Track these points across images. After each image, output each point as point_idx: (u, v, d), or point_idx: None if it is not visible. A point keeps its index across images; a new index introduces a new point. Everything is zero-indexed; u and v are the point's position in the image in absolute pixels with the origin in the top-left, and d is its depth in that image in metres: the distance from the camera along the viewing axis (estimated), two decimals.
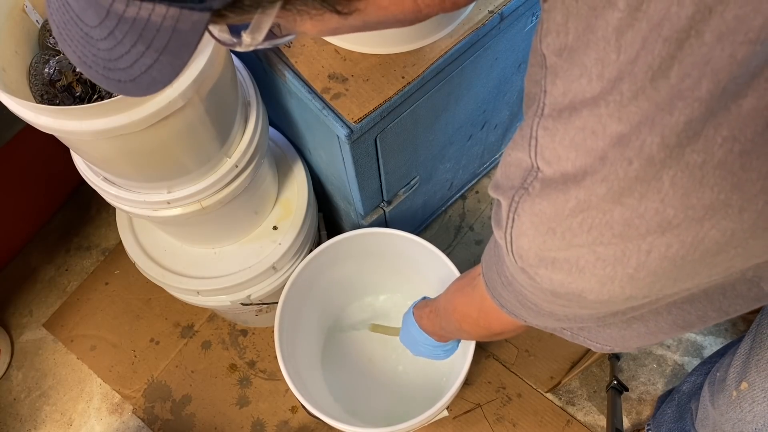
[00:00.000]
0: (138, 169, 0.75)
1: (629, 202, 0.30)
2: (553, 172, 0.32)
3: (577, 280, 0.35)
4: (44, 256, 1.46)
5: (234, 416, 1.27)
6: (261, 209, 1.00)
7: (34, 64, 0.71)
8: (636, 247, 0.31)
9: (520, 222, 0.35)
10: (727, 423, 0.73)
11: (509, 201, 0.36)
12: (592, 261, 0.33)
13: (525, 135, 0.34)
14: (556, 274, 0.36)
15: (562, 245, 0.34)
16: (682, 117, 0.26)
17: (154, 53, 0.33)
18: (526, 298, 0.45)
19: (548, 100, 0.32)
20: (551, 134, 0.32)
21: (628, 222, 0.30)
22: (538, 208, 0.34)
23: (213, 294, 1.00)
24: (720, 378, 0.74)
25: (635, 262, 0.32)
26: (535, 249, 0.35)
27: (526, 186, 0.34)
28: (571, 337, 0.52)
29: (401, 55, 0.77)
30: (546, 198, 0.33)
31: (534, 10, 0.88)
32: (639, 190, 0.29)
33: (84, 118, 0.61)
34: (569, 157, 0.31)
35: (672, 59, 0.26)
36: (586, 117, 0.30)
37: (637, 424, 1.22)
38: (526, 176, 0.34)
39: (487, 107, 1.05)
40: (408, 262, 1.08)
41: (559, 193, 0.32)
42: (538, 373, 1.25)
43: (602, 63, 0.29)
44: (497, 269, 0.50)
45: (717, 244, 0.30)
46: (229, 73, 0.74)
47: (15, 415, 1.33)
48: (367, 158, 0.85)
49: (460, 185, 1.35)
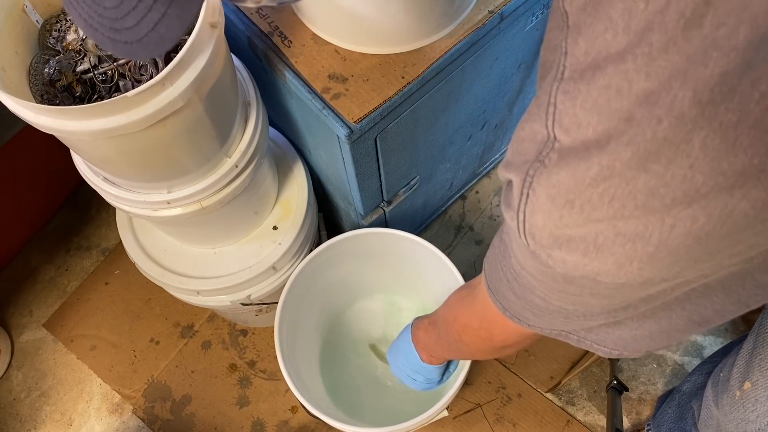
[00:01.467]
0: (138, 169, 0.75)
1: (655, 168, 0.28)
2: (572, 141, 0.30)
3: (594, 261, 0.33)
4: (44, 256, 1.46)
5: (234, 416, 1.27)
6: (261, 209, 1.00)
7: (34, 64, 0.71)
8: (659, 222, 0.29)
9: (536, 197, 0.33)
10: (731, 423, 0.73)
11: (523, 176, 0.34)
12: (611, 238, 0.31)
13: (542, 103, 0.32)
14: (571, 255, 0.33)
15: (580, 220, 0.31)
16: (717, 69, 0.25)
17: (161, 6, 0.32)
18: (533, 292, 0.42)
19: (569, 62, 0.30)
20: (572, 98, 0.30)
21: (653, 191, 0.28)
22: (556, 179, 0.31)
23: (213, 294, 1.00)
24: (723, 378, 0.74)
25: (657, 238, 0.29)
26: (550, 227, 0.33)
27: (541, 158, 0.32)
28: (577, 341, 0.49)
29: (401, 55, 0.77)
30: (565, 167, 0.31)
31: (534, 10, 0.88)
32: (666, 154, 0.27)
33: (84, 118, 0.61)
34: (590, 122, 0.29)
35: (706, 6, 0.24)
36: (611, 75, 0.28)
37: (637, 424, 1.22)
38: (541, 149, 0.32)
39: (487, 107, 1.05)
40: (408, 262, 1.08)
41: (580, 161, 0.30)
42: (538, 373, 1.25)
43: (629, 14, 0.27)
44: (502, 266, 0.47)
45: (745, 218, 0.28)
46: (229, 73, 0.74)
47: (15, 415, 1.33)
48: (367, 158, 0.85)
49: (460, 185, 1.35)
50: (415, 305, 1.23)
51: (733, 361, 0.73)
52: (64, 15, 0.73)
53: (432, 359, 0.83)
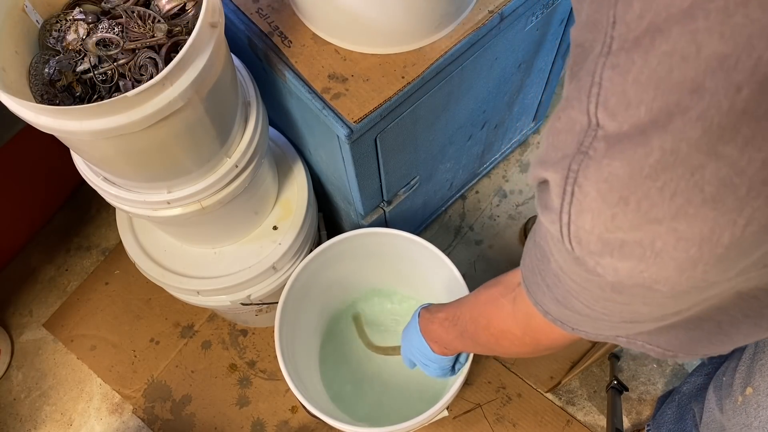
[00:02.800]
0: (138, 169, 0.75)
1: (728, 151, 0.23)
2: (619, 126, 0.26)
3: (651, 268, 0.28)
4: (44, 256, 1.46)
5: (234, 416, 1.27)
6: (261, 209, 1.00)
7: (34, 64, 0.71)
8: (731, 219, 0.25)
9: (583, 194, 0.28)
10: (734, 428, 0.72)
11: (564, 172, 0.29)
12: (673, 240, 0.26)
13: (583, 86, 0.28)
14: (624, 262, 0.29)
15: (636, 220, 0.27)
16: None
17: None
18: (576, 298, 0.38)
19: (619, 31, 0.26)
20: (623, 72, 0.26)
21: (725, 182, 0.24)
22: (608, 170, 0.27)
23: (213, 294, 1.00)
24: (726, 383, 0.74)
25: (728, 238, 0.25)
26: (599, 229, 0.29)
27: (584, 150, 0.28)
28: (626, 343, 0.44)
29: (401, 55, 0.77)
30: (618, 156, 0.26)
31: (534, 10, 0.88)
32: (744, 132, 0.23)
33: (84, 118, 0.61)
34: (643, 99, 0.25)
35: None
36: (675, 38, 0.23)
37: (637, 424, 1.22)
38: (582, 139, 0.28)
39: (487, 107, 1.05)
40: (408, 262, 1.08)
41: (637, 146, 0.25)
42: (538, 373, 1.25)
43: None
44: (540, 271, 0.42)
45: None
46: (229, 73, 0.74)
47: (15, 415, 1.33)
48: (367, 158, 0.85)
49: (460, 185, 1.35)
50: (415, 305, 1.23)
51: (735, 365, 0.72)
52: (64, 15, 0.73)
53: (446, 351, 0.78)
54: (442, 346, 0.77)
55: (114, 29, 0.71)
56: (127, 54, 0.70)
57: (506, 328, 0.58)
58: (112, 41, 0.71)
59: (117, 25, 0.71)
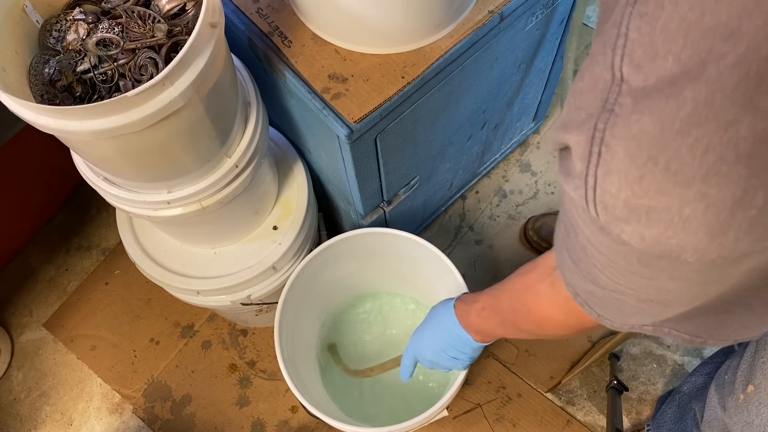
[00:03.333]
0: (138, 169, 0.75)
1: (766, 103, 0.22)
2: (644, 79, 0.25)
3: (679, 234, 0.27)
4: (44, 256, 1.46)
5: (234, 416, 1.27)
6: (261, 209, 1.00)
7: (34, 64, 0.71)
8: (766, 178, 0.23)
9: (610, 154, 0.27)
10: (736, 426, 0.72)
11: (590, 132, 0.27)
12: (703, 206, 0.25)
13: (608, 39, 0.26)
14: (651, 228, 0.27)
15: (664, 183, 0.25)
16: None
17: None
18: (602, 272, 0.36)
19: None
20: (652, 19, 0.24)
21: (761, 138, 0.22)
22: (637, 126, 0.25)
23: (213, 294, 1.00)
24: (728, 381, 0.74)
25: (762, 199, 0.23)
26: (626, 193, 0.27)
27: (609, 107, 0.26)
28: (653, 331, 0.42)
29: (401, 55, 0.77)
30: (647, 110, 0.25)
31: (534, 10, 0.88)
32: None
33: (84, 118, 0.61)
34: (671, 48, 0.23)
35: None
36: None
37: (637, 424, 1.22)
38: (606, 96, 0.26)
39: (487, 107, 1.05)
40: (408, 262, 1.08)
41: (668, 99, 0.24)
42: (538, 373, 1.25)
43: None
44: (567, 246, 0.40)
45: None
46: (229, 73, 0.74)
47: (15, 415, 1.33)
48: (367, 158, 0.85)
49: (460, 185, 1.35)
50: (414, 305, 1.23)
51: (737, 363, 0.72)
52: (64, 15, 0.73)
53: (488, 339, 0.76)
54: (484, 335, 0.75)
55: (114, 29, 0.71)
56: (127, 54, 0.70)
57: (547, 314, 0.57)
58: (112, 41, 0.71)
59: (117, 25, 0.71)
